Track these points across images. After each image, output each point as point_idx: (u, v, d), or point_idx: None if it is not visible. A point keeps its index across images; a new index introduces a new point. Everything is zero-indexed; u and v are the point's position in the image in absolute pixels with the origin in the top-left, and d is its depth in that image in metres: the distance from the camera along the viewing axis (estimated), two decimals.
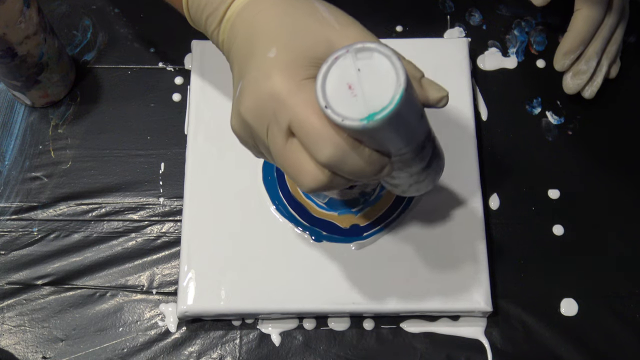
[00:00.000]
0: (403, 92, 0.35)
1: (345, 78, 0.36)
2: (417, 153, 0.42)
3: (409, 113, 0.38)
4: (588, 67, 0.58)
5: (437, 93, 0.41)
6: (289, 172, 0.40)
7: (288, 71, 0.38)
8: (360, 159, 0.38)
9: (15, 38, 0.54)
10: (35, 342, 0.55)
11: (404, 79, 0.35)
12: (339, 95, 0.36)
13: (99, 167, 0.60)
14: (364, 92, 0.36)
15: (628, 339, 0.55)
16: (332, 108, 0.36)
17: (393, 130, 0.37)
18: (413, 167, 0.43)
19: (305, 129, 0.37)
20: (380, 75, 0.36)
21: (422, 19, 0.65)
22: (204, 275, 0.54)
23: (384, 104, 0.35)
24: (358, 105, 0.36)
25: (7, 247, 0.58)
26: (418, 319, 0.55)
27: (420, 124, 0.40)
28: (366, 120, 0.35)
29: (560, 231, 0.58)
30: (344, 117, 0.36)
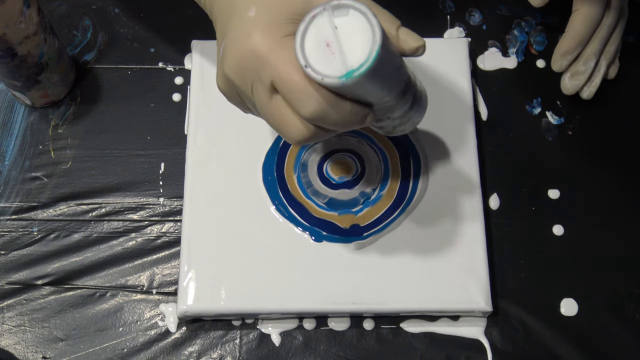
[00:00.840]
0: (379, 49, 0.36)
1: (322, 36, 0.37)
2: (398, 100, 0.43)
3: (386, 66, 0.39)
4: (586, 67, 0.58)
5: (414, 42, 0.42)
6: (275, 127, 0.41)
7: (268, 29, 0.39)
8: (343, 112, 0.39)
9: (15, 38, 0.54)
10: (35, 342, 0.55)
11: (380, 35, 0.36)
12: (317, 54, 0.37)
13: (99, 167, 0.60)
14: (342, 50, 0.37)
15: (628, 339, 0.55)
16: (311, 67, 0.37)
17: (372, 85, 0.38)
18: (396, 112, 0.44)
19: (287, 86, 0.39)
20: (357, 32, 0.37)
21: (422, 19, 0.65)
22: (204, 275, 0.54)
23: (361, 61, 0.36)
24: (336, 62, 0.37)
25: (7, 247, 0.58)
26: (418, 319, 0.55)
27: (399, 74, 0.41)
28: (344, 78, 0.37)
29: (560, 231, 0.58)
30: (323, 76, 0.37)
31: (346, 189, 0.57)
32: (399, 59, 0.41)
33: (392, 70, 0.40)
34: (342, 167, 0.57)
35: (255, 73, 0.39)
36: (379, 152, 0.58)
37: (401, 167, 0.57)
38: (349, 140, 0.58)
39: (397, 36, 0.41)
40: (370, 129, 0.58)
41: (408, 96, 0.44)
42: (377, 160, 0.58)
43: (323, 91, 0.38)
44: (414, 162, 0.57)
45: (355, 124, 0.41)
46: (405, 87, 0.43)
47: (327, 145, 0.58)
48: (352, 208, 0.56)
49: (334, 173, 0.57)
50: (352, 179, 0.57)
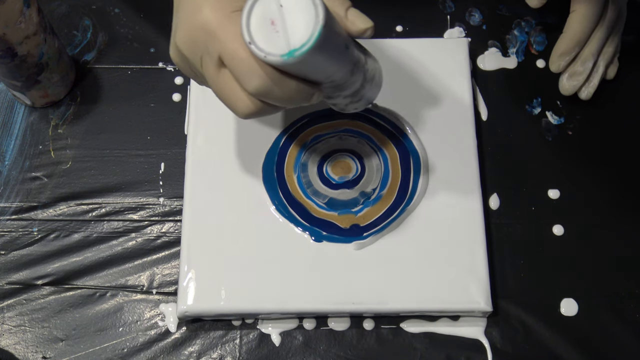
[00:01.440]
0: (321, 29, 0.37)
1: (268, 14, 0.38)
2: (347, 79, 0.43)
3: (330, 47, 0.39)
4: (584, 68, 0.58)
5: (362, 24, 0.42)
6: (223, 100, 0.42)
7: (218, 3, 0.40)
8: (287, 89, 0.40)
9: (15, 38, 0.54)
10: (35, 342, 0.55)
11: (323, 15, 0.37)
12: (262, 31, 0.38)
13: (99, 167, 0.60)
14: (285, 28, 0.37)
15: (628, 339, 0.55)
16: (255, 44, 0.37)
17: (315, 64, 0.39)
18: (345, 91, 0.45)
19: (233, 61, 0.39)
20: (301, 11, 0.37)
21: (422, 19, 0.65)
22: (204, 275, 0.54)
23: (303, 40, 0.37)
24: (280, 40, 0.37)
25: (7, 247, 0.58)
26: (418, 319, 0.55)
27: (345, 54, 0.41)
28: (286, 57, 0.37)
29: (560, 231, 0.58)
30: (266, 53, 0.37)
31: (346, 189, 0.57)
32: (346, 39, 0.41)
33: (337, 51, 0.41)
34: (342, 167, 0.58)
35: (204, 47, 0.40)
36: (379, 152, 0.58)
37: (401, 167, 0.57)
38: (349, 140, 0.58)
39: (346, 17, 0.42)
40: (369, 129, 0.58)
41: (357, 76, 0.44)
42: (377, 160, 0.58)
43: (268, 68, 0.39)
44: (414, 162, 0.57)
45: (302, 101, 0.41)
46: (353, 67, 0.43)
47: (327, 145, 0.58)
48: (352, 208, 0.56)
49: (334, 173, 0.57)
50: (352, 179, 0.57)
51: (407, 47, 0.61)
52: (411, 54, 0.61)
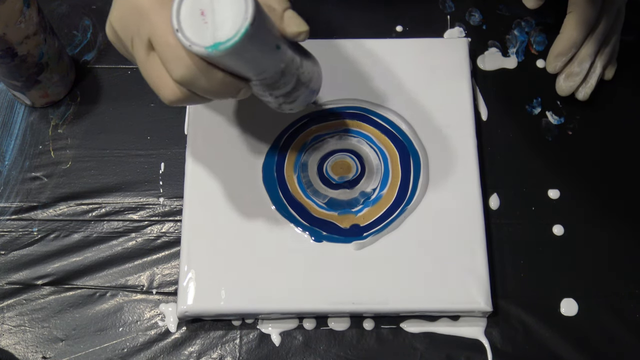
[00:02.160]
0: (248, 27, 0.37)
1: (199, 4, 0.38)
2: (277, 80, 0.43)
3: (258, 44, 0.39)
4: (581, 69, 0.58)
5: (296, 28, 0.42)
6: (150, 84, 0.42)
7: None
8: (213, 81, 0.40)
9: (15, 38, 0.54)
10: (35, 342, 0.55)
11: (252, 13, 0.37)
12: (191, 20, 0.38)
13: (99, 167, 0.60)
14: (214, 21, 0.37)
15: (628, 339, 0.55)
16: (182, 32, 0.37)
17: (240, 60, 0.39)
18: (277, 90, 0.45)
19: (161, 47, 0.39)
20: (231, 5, 0.37)
21: (422, 19, 0.65)
22: (204, 275, 0.54)
23: (229, 36, 0.37)
24: (207, 32, 0.37)
25: (7, 247, 0.58)
26: (418, 319, 0.55)
27: (275, 54, 0.41)
28: (210, 49, 0.37)
29: (560, 231, 0.58)
30: (191, 43, 0.37)
31: (346, 189, 0.57)
32: (278, 39, 0.41)
33: (266, 49, 0.40)
34: (342, 167, 0.58)
35: (136, 28, 0.40)
36: (379, 152, 0.58)
37: (401, 167, 0.57)
38: (349, 140, 0.58)
39: (282, 18, 0.42)
40: (369, 129, 0.58)
41: (289, 77, 0.44)
42: (377, 160, 0.58)
43: (195, 58, 0.38)
44: (414, 162, 0.57)
45: (228, 94, 0.41)
46: (285, 68, 0.43)
47: (327, 145, 0.58)
48: (352, 208, 0.56)
49: (334, 173, 0.57)
50: (352, 179, 0.57)
51: (407, 47, 0.61)
52: (411, 54, 0.61)
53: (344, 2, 0.66)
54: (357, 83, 0.60)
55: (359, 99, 0.59)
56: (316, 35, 0.62)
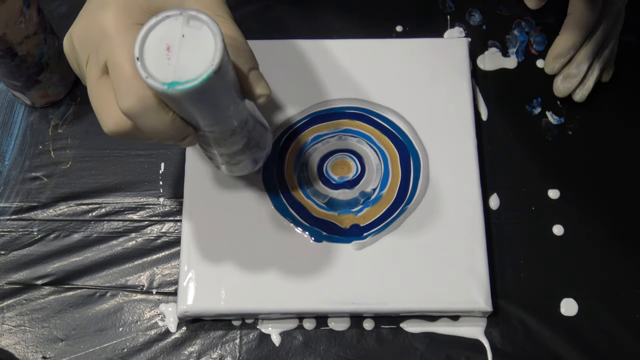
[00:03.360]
0: (211, 74, 0.35)
1: (167, 39, 0.36)
2: (227, 136, 0.42)
3: (216, 95, 0.38)
4: (579, 70, 0.58)
5: (260, 89, 0.40)
6: (95, 109, 0.40)
7: (124, 10, 0.38)
8: (161, 120, 0.38)
9: (15, 38, 0.54)
10: (35, 342, 0.55)
11: (218, 62, 0.35)
12: (155, 53, 0.36)
13: (99, 167, 0.60)
14: (178, 59, 0.36)
15: (628, 339, 0.55)
16: (143, 62, 0.36)
17: (195, 106, 0.37)
18: (222, 148, 0.44)
19: (116, 72, 0.37)
20: (200, 49, 0.36)
21: (422, 19, 0.65)
22: (204, 275, 0.54)
23: (189, 78, 0.35)
24: (168, 69, 0.36)
25: (7, 247, 0.58)
26: (418, 319, 0.55)
27: (231, 109, 0.40)
28: (167, 86, 0.35)
29: (560, 231, 0.58)
30: (148, 75, 0.36)
31: (346, 189, 0.57)
32: (238, 96, 0.40)
33: (223, 102, 0.39)
34: (342, 167, 0.58)
35: (95, 47, 0.39)
36: (379, 152, 0.58)
37: (401, 167, 0.57)
38: (349, 140, 0.58)
39: (247, 76, 0.40)
40: (369, 129, 0.58)
41: (238, 138, 0.43)
42: (377, 160, 0.58)
43: (147, 92, 0.37)
44: (414, 162, 0.57)
45: (172, 137, 0.39)
46: (237, 127, 0.42)
47: (327, 145, 0.58)
48: (352, 208, 0.56)
49: (334, 173, 0.57)
50: (352, 179, 0.57)
51: (407, 47, 0.61)
52: (411, 54, 0.61)
53: (344, 2, 0.66)
54: (357, 83, 0.60)
55: (359, 99, 0.59)
56: (316, 35, 0.62)
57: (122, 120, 0.39)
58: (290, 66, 0.60)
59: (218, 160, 0.46)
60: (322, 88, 0.60)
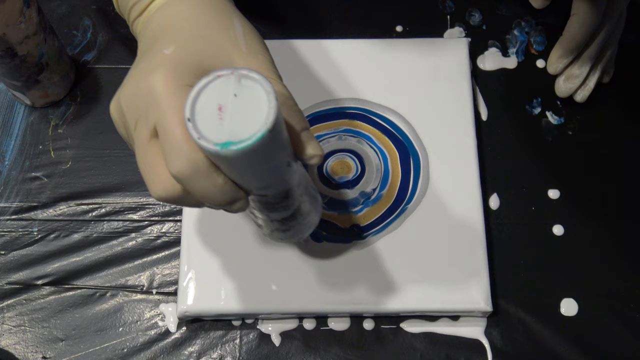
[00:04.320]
0: (266, 132, 0.34)
1: (219, 98, 0.35)
2: (279, 200, 0.41)
3: (270, 155, 0.36)
4: (581, 71, 0.58)
5: (312, 150, 0.39)
6: (143, 173, 0.39)
7: (174, 72, 0.37)
8: (213, 184, 0.36)
9: (15, 38, 0.54)
10: (35, 342, 0.55)
11: (272, 120, 0.34)
12: (207, 114, 0.35)
13: (99, 167, 0.60)
14: (231, 119, 0.35)
15: (628, 338, 0.55)
16: (194, 123, 0.34)
17: (248, 167, 0.36)
18: (274, 213, 0.42)
19: (166, 135, 0.36)
20: (253, 108, 0.35)
21: (422, 19, 0.65)
22: (204, 275, 0.54)
23: (244, 137, 0.34)
24: (221, 129, 0.34)
25: (7, 247, 0.58)
26: (418, 319, 0.55)
27: (284, 171, 0.39)
28: (220, 147, 0.34)
29: (560, 231, 0.58)
30: (201, 136, 0.34)
31: (346, 189, 0.57)
32: (290, 157, 0.39)
33: (277, 163, 0.38)
34: (342, 167, 0.57)
35: (144, 110, 0.37)
36: (379, 152, 0.58)
37: (401, 167, 0.57)
38: (349, 140, 0.58)
39: (299, 137, 0.39)
40: (369, 129, 0.58)
41: (290, 201, 0.42)
42: (377, 160, 0.58)
43: (199, 154, 0.36)
44: (414, 162, 0.57)
45: (223, 202, 0.38)
46: (289, 191, 0.41)
47: (327, 145, 0.58)
48: (352, 208, 0.56)
49: (334, 173, 0.57)
50: (352, 179, 0.57)
51: (407, 47, 0.61)
52: (411, 54, 0.61)
53: (344, 2, 0.66)
54: (357, 83, 0.60)
55: (359, 99, 0.59)
56: (316, 35, 0.62)
57: (172, 185, 0.37)
58: (290, 66, 0.60)
59: (268, 227, 0.45)
60: (322, 88, 0.60)
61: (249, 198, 0.39)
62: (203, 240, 0.55)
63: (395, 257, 0.54)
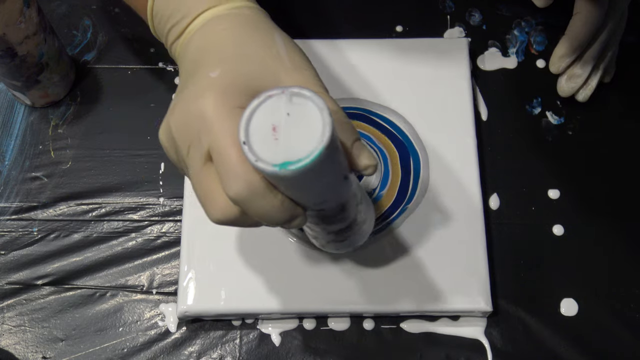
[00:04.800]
0: (323, 150, 0.33)
1: (272, 119, 0.34)
2: (336, 213, 0.41)
3: (327, 171, 0.36)
4: (583, 71, 0.58)
5: (366, 160, 0.39)
6: (199, 198, 0.39)
7: (223, 95, 0.37)
8: (271, 204, 0.36)
9: (15, 38, 0.54)
10: (35, 342, 0.55)
11: (329, 136, 0.34)
12: (261, 135, 0.34)
13: (99, 167, 0.60)
14: (286, 139, 0.34)
15: (628, 338, 0.55)
16: (250, 145, 0.34)
17: (307, 184, 0.36)
18: (331, 226, 0.42)
19: (221, 158, 0.36)
20: (307, 125, 0.34)
21: (422, 19, 0.65)
22: (204, 275, 0.54)
23: (301, 156, 0.33)
24: (277, 149, 0.34)
25: (7, 247, 0.58)
26: (418, 319, 0.55)
27: (341, 185, 0.39)
28: (278, 167, 0.34)
29: (560, 231, 0.58)
30: (258, 158, 0.34)
31: None
32: (345, 170, 0.38)
33: (333, 178, 0.37)
34: None
35: (196, 135, 0.37)
36: (379, 152, 0.58)
37: (401, 167, 0.57)
38: None
39: (351, 149, 0.39)
40: (369, 129, 0.58)
41: (348, 213, 0.42)
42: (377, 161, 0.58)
43: (255, 175, 0.36)
44: (414, 162, 0.57)
45: (282, 221, 0.38)
46: (346, 203, 0.40)
47: None
48: None
49: None
50: None
51: (407, 47, 0.61)
52: (411, 54, 0.61)
53: (344, 2, 0.66)
54: (357, 83, 0.60)
55: (359, 99, 0.59)
56: (317, 35, 0.62)
57: (229, 208, 0.37)
58: None
59: (324, 239, 0.45)
60: None
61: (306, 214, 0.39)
62: (203, 240, 0.55)
63: (395, 257, 0.54)
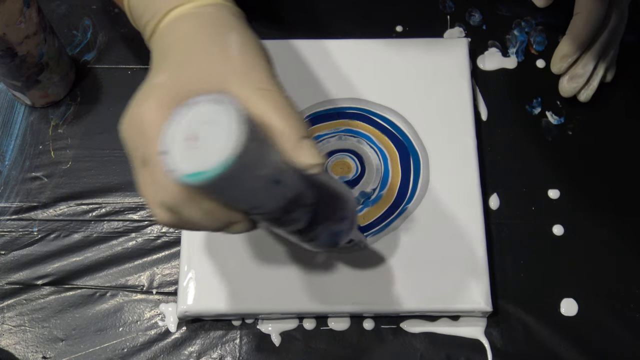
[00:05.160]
0: (234, 159, 0.32)
1: (193, 127, 0.33)
2: (279, 216, 0.38)
3: (246, 177, 0.34)
4: (585, 71, 0.58)
5: (308, 159, 0.37)
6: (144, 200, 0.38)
7: (164, 102, 0.37)
8: (197, 210, 0.36)
9: (15, 38, 0.54)
10: (35, 342, 0.55)
11: (242, 144, 0.32)
12: (182, 144, 0.33)
13: (99, 167, 0.60)
14: (204, 147, 0.32)
15: (628, 339, 0.55)
16: (171, 155, 0.33)
17: (225, 192, 0.35)
18: (285, 227, 0.40)
19: (149, 166, 0.36)
20: (223, 134, 0.32)
21: (422, 19, 0.65)
22: (204, 275, 0.54)
23: (209, 167, 0.32)
24: (193, 159, 0.32)
25: (7, 247, 0.58)
26: (418, 319, 0.55)
27: (271, 189, 0.36)
28: (188, 178, 0.32)
29: (560, 231, 0.58)
30: (169, 168, 0.33)
31: None
32: (280, 173, 0.36)
33: (259, 184, 0.35)
34: (342, 167, 0.57)
35: (136, 139, 0.37)
36: (379, 152, 0.58)
37: (401, 167, 0.57)
38: (349, 140, 0.58)
39: (294, 146, 0.37)
40: (369, 129, 0.58)
41: (297, 214, 0.39)
42: (377, 160, 0.58)
43: (176, 185, 0.35)
44: (414, 162, 0.57)
45: (215, 226, 0.37)
46: (288, 204, 0.38)
47: (327, 145, 0.58)
48: None
49: (334, 173, 0.57)
50: (352, 179, 0.57)
51: (407, 47, 0.61)
52: (411, 54, 0.61)
53: (344, 2, 0.66)
54: (357, 83, 0.60)
55: (359, 99, 0.59)
56: (316, 35, 0.62)
57: (164, 213, 0.37)
58: (290, 66, 0.60)
59: (292, 239, 0.44)
60: (322, 88, 0.60)
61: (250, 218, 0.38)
62: (203, 240, 0.55)
63: (395, 257, 0.54)
